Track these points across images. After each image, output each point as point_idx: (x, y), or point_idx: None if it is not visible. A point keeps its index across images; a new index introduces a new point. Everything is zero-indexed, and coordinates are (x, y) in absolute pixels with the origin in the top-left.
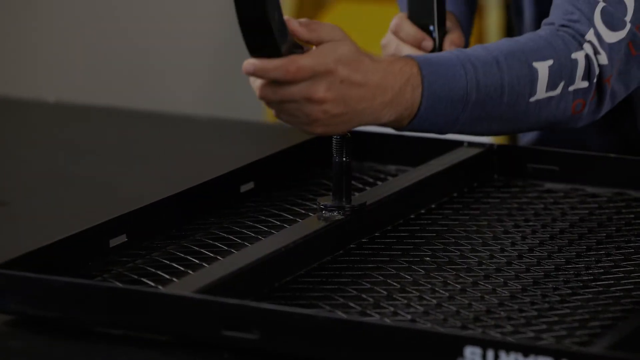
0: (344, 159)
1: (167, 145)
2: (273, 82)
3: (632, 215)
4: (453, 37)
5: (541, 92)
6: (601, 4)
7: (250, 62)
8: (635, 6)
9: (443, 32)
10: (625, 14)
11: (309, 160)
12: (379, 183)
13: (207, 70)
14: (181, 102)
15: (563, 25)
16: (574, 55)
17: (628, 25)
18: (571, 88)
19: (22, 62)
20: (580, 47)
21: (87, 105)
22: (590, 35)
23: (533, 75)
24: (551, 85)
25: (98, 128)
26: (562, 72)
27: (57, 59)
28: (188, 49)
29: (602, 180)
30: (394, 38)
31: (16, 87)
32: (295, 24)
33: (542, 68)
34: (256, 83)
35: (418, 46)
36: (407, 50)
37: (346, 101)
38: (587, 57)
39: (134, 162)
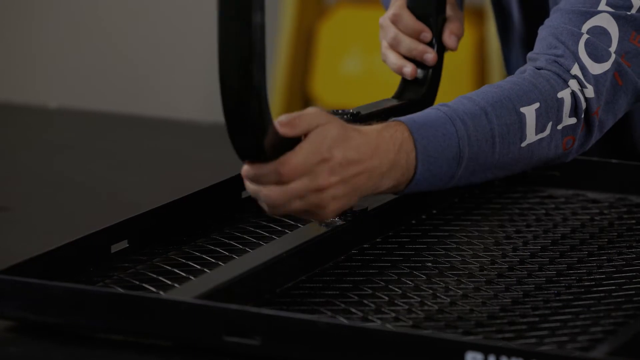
0: None
1: (169, 151)
2: (275, 186)
3: (634, 221)
4: (452, 27)
5: (531, 136)
6: (585, 36)
7: (245, 169)
8: (619, 36)
9: (442, 20)
10: (609, 45)
11: None
12: None
13: (208, 76)
14: (183, 108)
15: (548, 60)
16: (559, 95)
17: (613, 56)
18: (559, 127)
19: (24, 69)
20: (566, 85)
21: (89, 111)
22: (575, 70)
23: (521, 120)
24: (540, 128)
25: (99, 134)
26: (549, 113)
27: (58, 65)
28: (189, 55)
29: (603, 185)
30: (392, 27)
31: (18, 93)
32: (276, 127)
33: (529, 112)
34: (257, 191)
35: (417, 38)
36: (407, 41)
37: (348, 181)
38: (572, 94)
39: (135, 168)
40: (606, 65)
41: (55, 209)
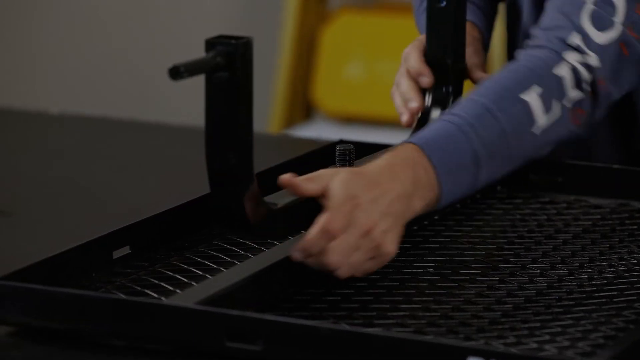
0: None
1: (171, 156)
2: (329, 250)
3: (635, 227)
4: (474, 78)
5: (541, 119)
6: (589, 6)
7: (295, 253)
8: (626, 6)
9: (461, 70)
10: (614, 15)
11: (313, 171)
12: None
13: None
14: (184, 112)
15: (545, 35)
16: (557, 71)
17: (618, 26)
18: (566, 102)
19: (24, 72)
20: (562, 59)
21: (91, 116)
22: (574, 38)
23: (526, 108)
24: (547, 108)
25: (100, 138)
26: (551, 92)
27: (59, 66)
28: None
29: (605, 191)
30: (403, 64)
31: (18, 97)
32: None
33: (531, 97)
34: (319, 263)
35: (416, 80)
36: (404, 87)
37: (387, 211)
38: (572, 68)
39: (137, 173)
40: (611, 34)
41: (56, 214)
